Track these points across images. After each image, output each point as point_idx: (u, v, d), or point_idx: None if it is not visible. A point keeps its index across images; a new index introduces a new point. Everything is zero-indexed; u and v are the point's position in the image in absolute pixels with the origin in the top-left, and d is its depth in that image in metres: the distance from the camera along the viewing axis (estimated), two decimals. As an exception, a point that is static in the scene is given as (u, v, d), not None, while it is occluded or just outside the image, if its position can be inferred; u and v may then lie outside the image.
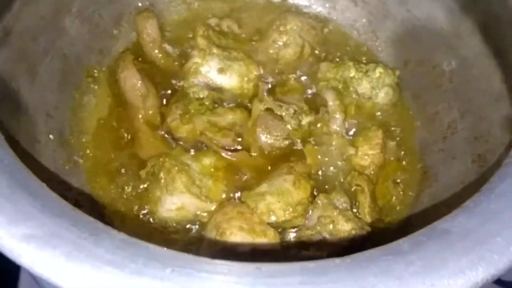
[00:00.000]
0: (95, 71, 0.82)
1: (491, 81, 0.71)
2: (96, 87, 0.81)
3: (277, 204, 0.70)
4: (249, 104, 0.82)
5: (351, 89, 0.82)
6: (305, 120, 0.79)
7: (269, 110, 0.80)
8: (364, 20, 0.90)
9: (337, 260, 0.36)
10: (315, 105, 0.82)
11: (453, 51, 0.78)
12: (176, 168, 0.72)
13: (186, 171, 0.72)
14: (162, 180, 0.72)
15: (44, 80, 0.72)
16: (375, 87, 0.82)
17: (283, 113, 0.79)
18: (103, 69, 0.83)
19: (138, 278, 0.31)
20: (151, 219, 0.73)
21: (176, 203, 0.71)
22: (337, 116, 0.80)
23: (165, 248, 0.35)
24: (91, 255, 0.32)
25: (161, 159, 0.73)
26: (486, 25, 0.72)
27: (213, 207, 0.73)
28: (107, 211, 0.72)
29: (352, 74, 0.82)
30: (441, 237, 0.38)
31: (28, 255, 0.31)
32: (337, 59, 0.88)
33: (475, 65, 0.75)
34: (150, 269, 0.32)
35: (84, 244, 0.33)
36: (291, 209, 0.70)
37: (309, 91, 0.85)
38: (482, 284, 0.34)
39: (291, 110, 0.79)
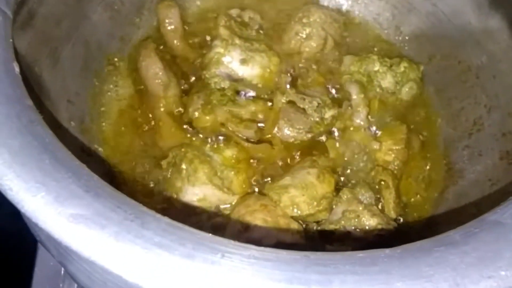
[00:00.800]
0: (116, 59, 0.80)
1: (520, 76, 0.70)
2: (116, 75, 0.80)
3: (301, 197, 0.69)
4: (271, 96, 0.80)
5: (375, 83, 0.81)
6: (328, 113, 0.78)
7: (291, 102, 0.79)
8: (387, 14, 0.89)
9: (387, 251, 0.35)
10: (338, 99, 0.82)
11: (480, 46, 0.77)
12: (198, 159, 0.71)
13: (209, 162, 0.71)
14: (184, 171, 0.70)
15: (65, 66, 0.71)
16: (399, 81, 0.81)
17: (306, 106, 0.78)
18: (124, 57, 0.82)
19: (190, 261, 0.30)
20: (171, 209, 0.72)
21: (197, 194, 0.70)
22: (361, 110, 0.79)
23: (210, 234, 0.34)
24: (140, 236, 0.31)
25: (183, 150, 0.72)
26: (515, 20, 0.71)
27: (235, 199, 0.72)
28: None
29: (376, 68, 0.81)
30: (493, 228, 0.36)
31: (77, 235, 0.30)
32: (360, 53, 0.86)
33: (502, 60, 0.73)
34: (200, 253, 0.31)
35: (131, 225, 0.32)
36: (315, 203, 0.69)
37: (332, 84, 0.84)
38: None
39: (314, 103, 0.78)
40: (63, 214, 0.30)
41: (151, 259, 0.30)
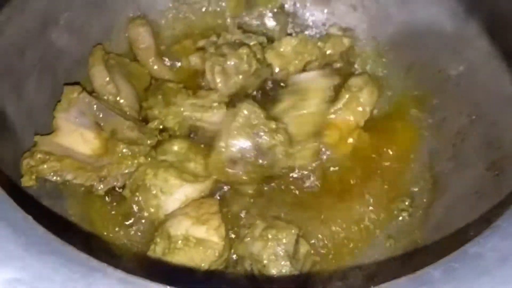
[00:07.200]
0: (87, 85, 0.77)
1: (501, 84, 0.68)
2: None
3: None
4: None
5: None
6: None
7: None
8: (364, 25, 0.87)
9: (361, 292, 0.33)
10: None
11: (459, 54, 0.75)
12: (161, 169, 0.69)
13: (170, 165, 0.69)
14: (152, 187, 0.68)
15: (31, 98, 0.68)
16: None
17: None
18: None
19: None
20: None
21: (180, 199, 0.68)
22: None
23: (168, 286, 0.31)
24: (85, 301, 0.28)
25: (139, 169, 0.69)
26: (492, 26, 0.69)
27: (212, 181, 0.71)
28: (101, 236, 0.67)
29: None
30: (475, 263, 0.34)
31: (11, 305, 0.27)
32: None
33: (482, 68, 0.72)
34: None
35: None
36: None
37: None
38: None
39: None
40: (-4, 281, 0.27)
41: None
